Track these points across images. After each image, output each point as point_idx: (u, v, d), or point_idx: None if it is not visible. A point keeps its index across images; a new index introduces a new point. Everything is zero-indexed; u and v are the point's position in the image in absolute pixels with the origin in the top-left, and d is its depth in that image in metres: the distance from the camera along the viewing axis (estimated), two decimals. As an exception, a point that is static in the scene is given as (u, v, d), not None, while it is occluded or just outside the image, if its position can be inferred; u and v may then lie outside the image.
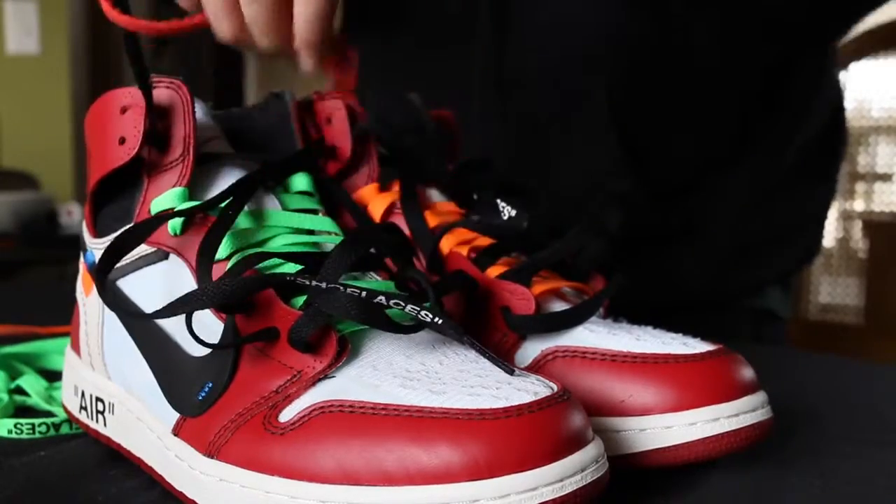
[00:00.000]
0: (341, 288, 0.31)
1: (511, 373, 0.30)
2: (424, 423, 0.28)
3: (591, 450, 0.29)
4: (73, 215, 2.12)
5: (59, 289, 0.38)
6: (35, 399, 0.46)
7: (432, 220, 0.43)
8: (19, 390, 0.48)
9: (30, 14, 2.52)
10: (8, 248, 1.93)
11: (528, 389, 0.29)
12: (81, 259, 0.41)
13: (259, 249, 0.35)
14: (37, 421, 0.42)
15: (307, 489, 0.29)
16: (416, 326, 0.32)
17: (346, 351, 0.32)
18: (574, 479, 0.28)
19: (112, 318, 0.38)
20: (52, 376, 0.52)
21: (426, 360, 0.32)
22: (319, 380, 0.31)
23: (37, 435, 0.42)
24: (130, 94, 0.36)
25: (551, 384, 0.30)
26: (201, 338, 0.32)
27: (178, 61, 3.93)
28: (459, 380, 0.30)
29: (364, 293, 0.31)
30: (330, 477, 0.28)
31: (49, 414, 0.45)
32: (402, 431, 0.28)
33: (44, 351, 0.57)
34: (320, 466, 0.29)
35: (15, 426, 0.42)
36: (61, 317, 0.64)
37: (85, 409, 0.40)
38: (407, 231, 0.43)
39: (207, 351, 0.34)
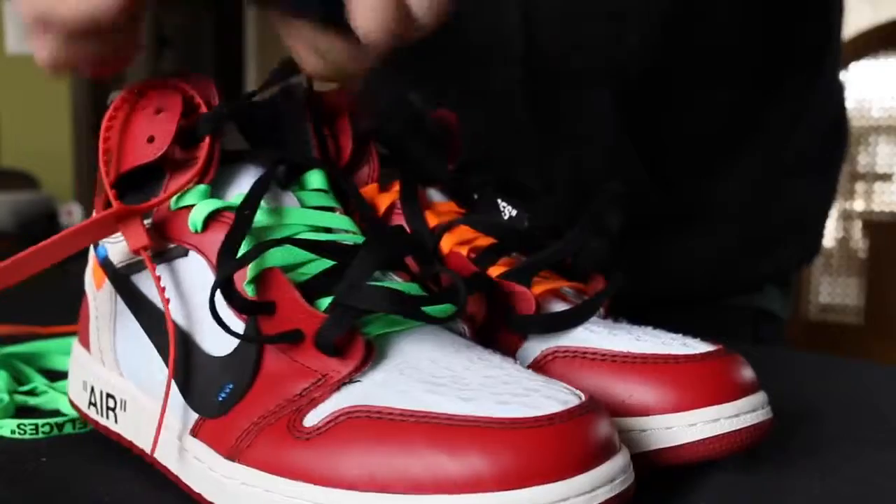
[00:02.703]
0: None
1: None
2: (453, 431, 0.27)
3: (620, 459, 0.29)
4: (73, 215, 2.12)
5: (60, 288, 0.38)
6: (40, 398, 0.46)
7: (432, 220, 0.43)
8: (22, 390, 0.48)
9: (30, 14, 2.52)
10: (8, 248, 1.93)
11: (556, 398, 0.29)
12: (92, 252, 0.41)
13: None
14: (40, 421, 0.42)
15: (333, 495, 0.28)
16: (441, 319, 0.32)
17: (372, 355, 0.31)
18: (604, 489, 0.27)
19: (125, 313, 0.38)
20: (53, 376, 0.52)
21: (452, 365, 0.31)
22: (345, 384, 0.31)
23: (40, 435, 0.42)
24: (168, 97, 0.36)
25: (578, 392, 0.30)
26: (222, 337, 0.32)
27: (180, 61, 3.93)
28: (487, 386, 0.29)
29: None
30: (356, 484, 0.28)
31: (52, 414, 0.45)
32: (431, 439, 0.28)
33: (44, 351, 0.56)
34: (347, 473, 0.28)
35: (18, 426, 0.42)
36: (61, 317, 0.64)
37: (94, 405, 0.40)
38: (408, 231, 0.43)
39: (228, 351, 0.33)
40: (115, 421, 0.39)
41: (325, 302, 0.32)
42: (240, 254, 0.33)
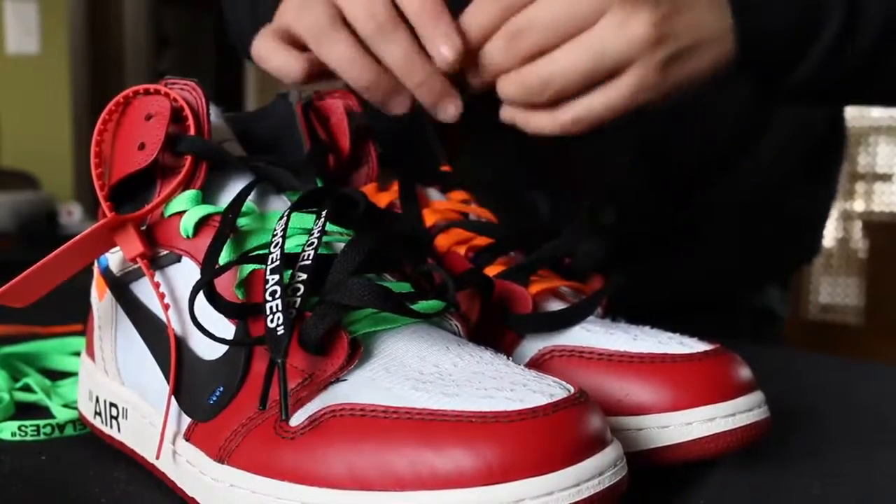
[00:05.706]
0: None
1: None
2: (436, 427, 0.27)
3: (610, 453, 0.28)
4: (73, 215, 2.12)
5: (60, 288, 0.38)
6: (40, 395, 0.46)
7: (430, 218, 0.44)
8: (22, 387, 0.48)
9: (30, 14, 2.52)
10: (8, 248, 1.93)
11: (543, 391, 0.28)
12: (95, 264, 0.41)
13: (264, 252, 0.34)
14: (41, 423, 0.42)
15: (318, 495, 0.28)
16: (427, 315, 0.32)
17: (359, 353, 0.31)
18: (591, 483, 0.27)
19: (125, 322, 0.38)
20: (53, 376, 0.52)
21: (440, 362, 0.31)
22: (331, 383, 0.31)
23: (41, 437, 0.42)
24: (157, 103, 0.36)
25: (567, 385, 0.29)
26: (213, 340, 0.32)
27: (179, 61, 3.94)
28: (473, 382, 0.29)
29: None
30: (341, 482, 0.28)
31: (53, 414, 0.45)
32: (414, 435, 0.27)
33: (44, 351, 0.57)
34: (331, 471, 0.28)
35: (19, 428, 0.41)
36: (61, 317, 0.64)
37: (99, 414, 0.40)
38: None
39: (219, 355, 0.33)
40: (119, 430, 0.39)
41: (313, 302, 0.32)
42: (224, 260, 0.33)
